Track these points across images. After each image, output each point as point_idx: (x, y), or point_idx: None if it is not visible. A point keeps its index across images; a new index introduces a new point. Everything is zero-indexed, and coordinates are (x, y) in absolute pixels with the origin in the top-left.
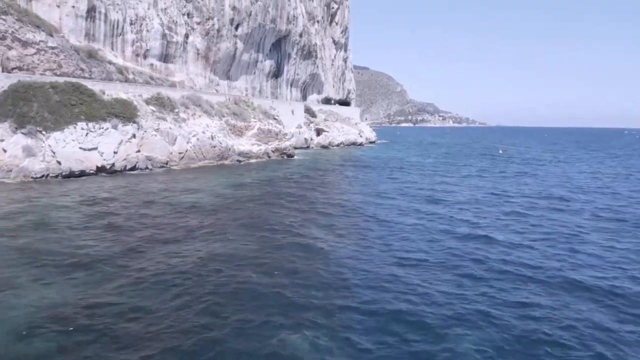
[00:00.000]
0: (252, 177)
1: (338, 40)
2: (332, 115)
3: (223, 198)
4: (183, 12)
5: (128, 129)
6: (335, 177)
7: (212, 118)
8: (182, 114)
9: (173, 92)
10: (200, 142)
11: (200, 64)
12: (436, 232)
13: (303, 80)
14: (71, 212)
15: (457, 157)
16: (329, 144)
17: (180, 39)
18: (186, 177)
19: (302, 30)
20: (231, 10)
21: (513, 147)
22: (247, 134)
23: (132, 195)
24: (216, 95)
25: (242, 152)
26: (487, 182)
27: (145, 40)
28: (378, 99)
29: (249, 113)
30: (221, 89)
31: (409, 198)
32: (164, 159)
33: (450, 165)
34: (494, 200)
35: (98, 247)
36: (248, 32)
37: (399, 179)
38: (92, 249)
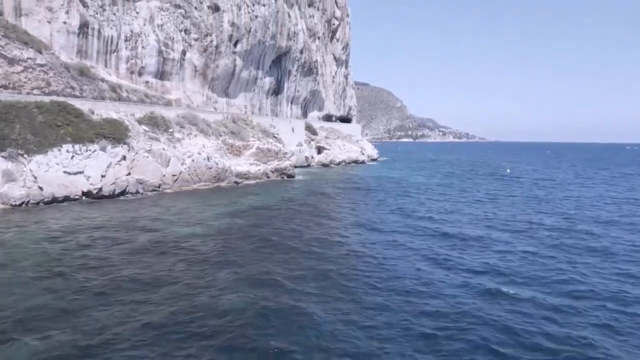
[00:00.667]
0: (249, 204)
1: (339, 56)
2: (333, 133)
3: (214, 233)
4: (180, 28)
5: (118, 151)
6: (337, 205)
7: (209, 137)
8: (177, 133)
9: (168, 110)
10: (195, 164)
11: (198, 81)
12: (455, 287)
13: (304, 97)
14: (32, 251)
15: (463, 178)
16: (330, 162)
17: (177, 56)
18: (178, 204)
19: (302, 47)
20: (230, 27)
21: (519, 165)
22: (245, 153)
23: (113, 227)
24: (213, 114)
25: (240, 173)
26: (501, 210)
27: (140, 57)
28: (378, 114)
29: (247, 132)
30: (219, 107)
31: (420, 236)
32: (156, 182)
33: (457, 187)
34: (515, 238)
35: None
36: (247, 48)
37: (407, 207)
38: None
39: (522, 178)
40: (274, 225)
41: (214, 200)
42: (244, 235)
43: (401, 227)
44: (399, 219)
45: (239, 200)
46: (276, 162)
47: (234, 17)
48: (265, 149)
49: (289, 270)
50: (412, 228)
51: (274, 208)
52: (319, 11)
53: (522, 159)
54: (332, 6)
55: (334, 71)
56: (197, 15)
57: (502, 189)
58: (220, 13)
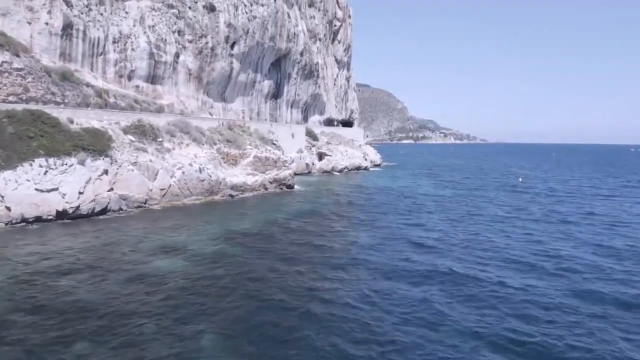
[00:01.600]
0: (243, 224)
1: (340, 58)
2: (335, 138)
3: (196, 272)
4: (173, 29)
5: (98, 164)
6: (340, 228)
7: (202, 147)
8: (167, 143)
9: (157, 118)
10: (186, 176)
11: (192, 85)
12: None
13: (304, 101)
14: None
15: (473, 188)
16: (332, 169)
17: (169, 59)
18: (164, 224)
19: (303, 49)
20: (226, 28)
21: (529, 172)
22: (242, 162)
23: (75, 261)
24: (208, 120)
25: (235, 185)
26: (525, 236)
27: (130, 60)
28: (379, 116)
29: (244, 139)
30: (215, 112)
31: (440, 275)
32: (142, 198)
33: (470, 202)
34: (557, 283)
35: None
36: (245, 50)
37: (418, 232)
38: None
39: (537, 189)
40: (267, 262)
41: (204, 220)
42: (234, 276)
43: (417, 267)
44: (413, 253)
45: (232, 221)
46: (275, 171)
47: (231, 18)
48: (264, 157)
49: (284, 316)
50: (429, 268)
51: (268, 234)
52: (320, 12)
53: (529, 163)
54: (334, 6)
55: (335, 74)
56: (191, 15)
57: (520, 205)
58: (216, 13)
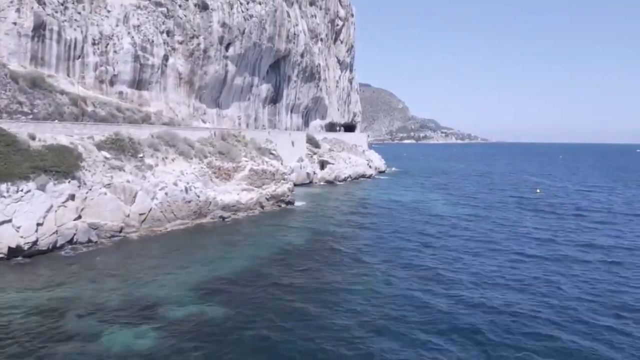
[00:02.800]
0: (230, 264)
1: (343, 59)
2: (337, 145)
3: (173, 338)
4: (161, 29)
5: (63, 189)
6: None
7: (190, 161)
8: (149, 159)
9: (139, 129)
10: (169, 198)
11: (183, 90)
12: None
13: (305, 105)
14: None
15: (491, 206)
16: (334, 178)
17: (157, 62)
18: (136, 265)
19: (303, 50)
20: (220, 28)
21: (543, 179)
22: (235, 176)
23: (11, 328)
24: (198, 130)
25: (227, 205)
26: (573, 279)
27: (112, 63)
28: (380, 115)
29: (238, 150)
30: (209, 119)
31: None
32: (117, 225)
33: (493, 227)
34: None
35: None
36: (241, 52)
37: (447, 273)
38: None
39: (560, 206)
40: (258, 332)
41: (188, 253)
42: (220, 337)
43: (445, 316)
44: (432, 300)
45: (218, 259)
46: (273, 185)
47: (225, 17)
48: (260, 170)
49: None
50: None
51: (261, 279)
52: (321, 10)
53: (539, 169)
54: (336, 5)
55: (337, 75)
56: (181, 14)
57: (553, 234)
58: (209, 12)
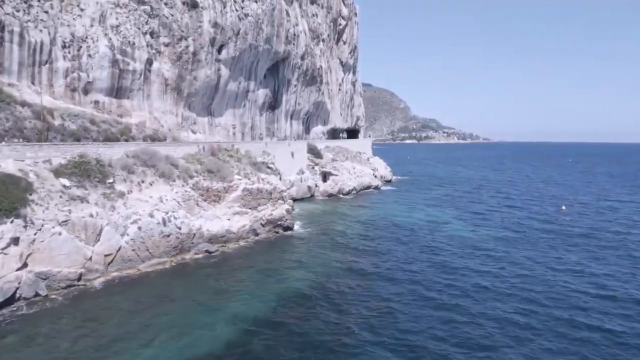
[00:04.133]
0: (214, 329)
1: (346, 61)
2: (340, 153)
3: None
4: (144, 30)
5: (2, 232)
6: (364, 324)
7: (173, 184)
8: (121, 184)
9: (110, 148)
10: (144, 232)
11: (170, 97)
12: None
13: (306, 111)
14: None
15: (514, 229)
16: (338, 191)
17: (139, 66)
18: (93, 329)
19: (304, 52)
20: (212, 28)
21: (563, 190)
22: (227, 198)
23: None
24: (183, 146)
25: (215, 236)
26: None
27: (85, 69)
28: (381, 115)
29: (230, 167)
30: (199, 128)
31: None
32: (75, 272)
33: (525, 263)
34: None
35: None
36: (235, 55)
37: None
38: None
39: (589, 225)
40: None
41: (158, 314)
42: None
43: None
44: None
45: (198, 317)
46: (269, 207)
47: (217, 16)
48: (255, 189)
49: None
50: None
51: (252, 351)
52: (323, 9)
53: (554, 176)
54: (338, 3)
55: (340, 78)
56: (167, 13)
57: (591, 265)
58: (199, 11)
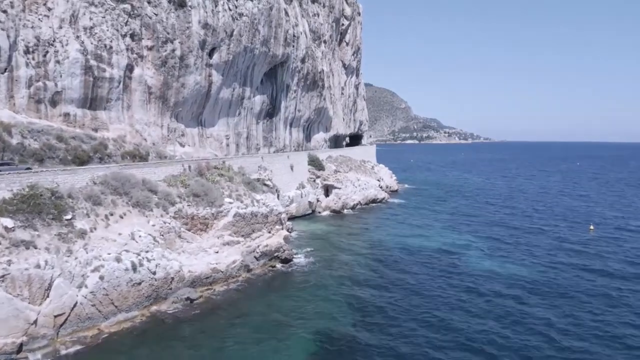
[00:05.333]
0: None
1: (349, 63)
2: (344, 164)
3: None
4: (124, 32)
5: None
6: None
7: (150, 214)
8: (83, 219)
9: (72, 175)
10: (108, 282)
11: (154, 107)
12: None
13: (306, 118)
14: None
15: (538, 249)
16: (342, 207)
17: (117, 73)
18: None
19: (304, 54)
20: (202, 29)
21: (587, 205)
22: (216, 225)
23: None
24: (165, 165)
25: (199, 278)
26: None
27: (53, 77)
28: (382, 115)
29: (220, 189)
30: (188, 141)
31: None
32: (14, 342)
33: (560, 320)
34: None
35: None
36: (228, 59)
37: None
38: None
39: (624, 251)
40: None
41: None
42: None
43: None
44: None
45: None
46: (265, 234)
47: (208, 16)
48: (249, 213)
49: None
50: None
51: None
52: (325, 8)
53: (569, 184)
54: (341, 2)
55: (343, 82)
56: (150, 12)
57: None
58: (187, 10)
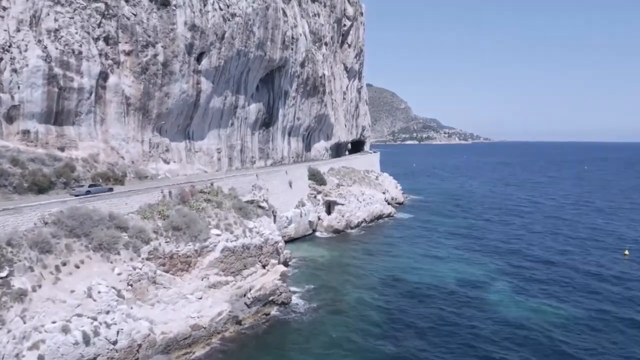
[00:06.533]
0: None
1: (351, 66)
2: (347, 176)
3: None
4: (96, 34)
5: None
6: None
7: (116, 258)
8: (21, 277)
9: (14, 216)
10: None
11: (133, 120)
12: None
13: (306, 126)
14: None
15: (573, 280)
16: (345, 226)
17: (88, 83)
18: None
19: (304, 58)
20: (188, 32)
21: (615, 223)
22: (200, 264)
23: None
24: (140, 193)
25: (174, 340)
26: None
27: (9, 89)
28: (382, 116)
29: (206, 218)
30: (174, 156)
31: None
32: None
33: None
34: None
35: None
36: (219, 64)
37: None
38: None
39: None
40: None
41: None
42: None
43: None
44: None
45: None
46: (258, 272)
47: (195, 17)
48: (240, 247)
49: None
50: None
51: None
52: (326, 8)
53: (584, 193)
54: (343, 2)
55: (345, 85)
56: (128, 12)
57: None
58: (171, 10)
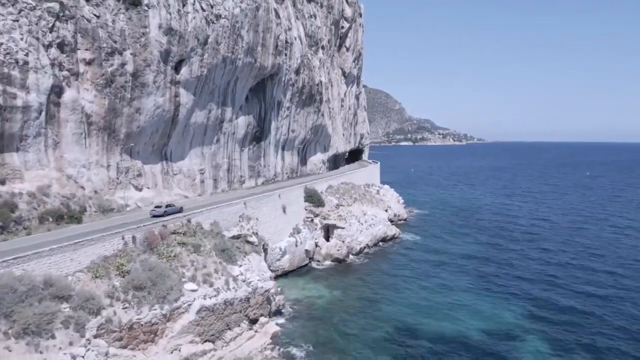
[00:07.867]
0: None
1: (349, 71)
2: (346, 194)
3: None
4: (48, 40)
5: None
6: None
7: (48, 345)
8: None
9: None
10: None
11: (96, 142)
12: None
13: (302, 138)
14: None
15: (629, 328)
16: (347, 253)
17: (37, 99)
18: None
19: (299, 64)
20: (163, 36)
21: (630, 237)
22: (169, 331)
23: None
24: (91, 244)
25: None
26: None
27: None
28: (376, 117)
29: (179, 268)
30: (148, 182)
31: None
32: None
33: None
34: None
35: None
36: (201, 73)
37: None
38: None
39: None
40: None
41: None
42: None
43: None
44: None
45: None
46: (245, 331)
47: (172, 18)
48: (221, 303)
49: None
50: None
51: None
52: (322, 9)
53: (595, 203)
54: (341, 2)
55: (342, 92)
56: (89, 13)
57: None
58: (142, 10)
